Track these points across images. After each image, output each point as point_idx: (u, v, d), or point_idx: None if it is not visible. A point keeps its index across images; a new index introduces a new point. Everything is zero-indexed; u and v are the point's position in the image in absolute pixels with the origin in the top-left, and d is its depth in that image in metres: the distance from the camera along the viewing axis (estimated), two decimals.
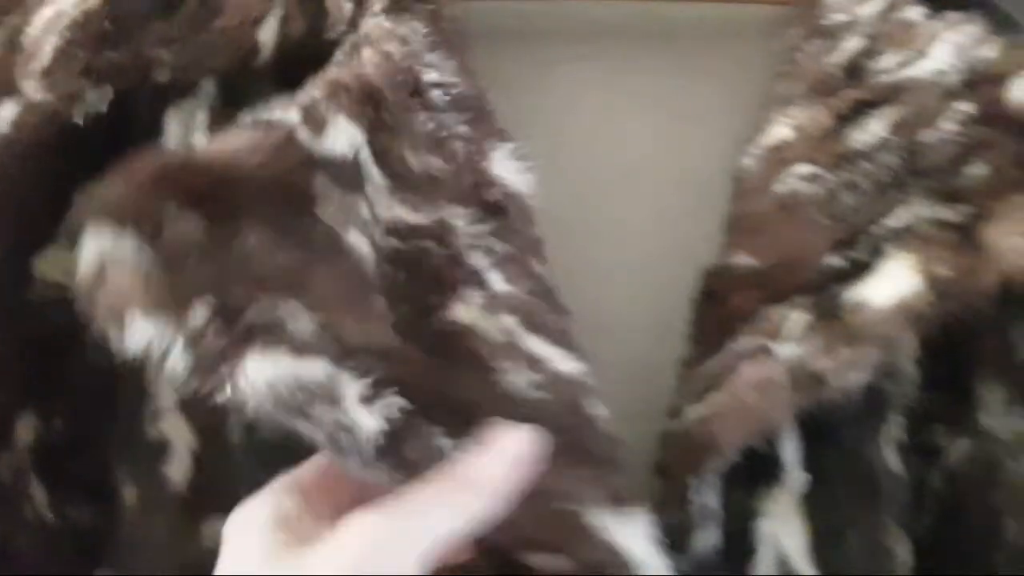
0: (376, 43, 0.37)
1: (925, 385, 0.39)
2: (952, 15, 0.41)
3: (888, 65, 0.40)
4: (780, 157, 0.39)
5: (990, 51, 0.39)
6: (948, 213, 0.36)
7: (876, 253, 0.36)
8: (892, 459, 0.38)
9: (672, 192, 0.42)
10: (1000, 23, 0.41)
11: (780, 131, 0.39)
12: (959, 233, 0.36)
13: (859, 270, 0.36)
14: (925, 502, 0.40)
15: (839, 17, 0.42)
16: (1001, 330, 0.39)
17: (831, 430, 0.37)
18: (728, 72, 0.44)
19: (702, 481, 0.36)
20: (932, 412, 0.40)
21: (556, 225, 0.39)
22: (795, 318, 0.36)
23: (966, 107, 0.38)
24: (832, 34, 0.41)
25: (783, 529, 0.37)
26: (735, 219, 0.40)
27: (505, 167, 0.37)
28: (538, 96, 0.43)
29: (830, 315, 0.36)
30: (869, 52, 0.40)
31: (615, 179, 0.43)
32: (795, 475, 0.37)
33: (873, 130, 0.38)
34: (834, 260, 0.37)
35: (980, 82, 0.38)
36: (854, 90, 0.39)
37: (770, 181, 0.39)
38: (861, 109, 0.39)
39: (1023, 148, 0.37)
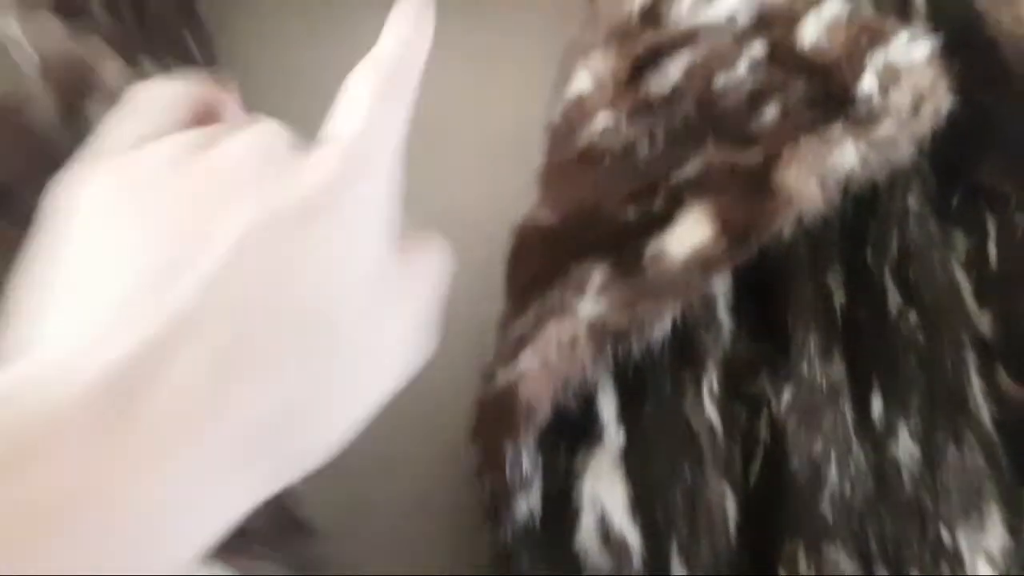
0: None
1: (745, 334, 0.40)
2: None
3: (683, 9, 0.40)
4: (582, 108, 0.39)
5: None
6: (741, 157, 0.36)
7: (675, 203, 0.36)
8: (711, 411, 0.38)
9: (487, 148, 0.42)
10: None
11: (582, 82, 0.39)
12: (753, 178, 0.36)
13: (659, 221, 0.36)
14: (754, 452, 0.40)
15: None
16: (814, 275, 0.40)
17: (647, 385, 0.37)
18: (542, 19, 0.43)
19: (518, 445, 0.35)
20: (755, 361, 0.40)
21: None
22: (596, 273, 0.36)
23: (758, 49, 0.38)
24: None
25: (605, 488, 0.37)
26: (542, 174, 0.39)
27: None
28: (334, 48, 0.42)
29: (631, 268, 0.35)
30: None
31: (426, 137, 0.42)
32: (613, 433, 0.37)
33: (669, 76, 0.38)
34: (632, 212, 0.36)
35: (772, 24, 0.38)
36: (650, 35, 0.39)
37: (573, 134, 0.38)
38: (658, 55, 0.39)
39: (813, 88, 0.37)
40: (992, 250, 0.41)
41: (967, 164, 0.42)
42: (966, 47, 0.43)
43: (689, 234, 0.35)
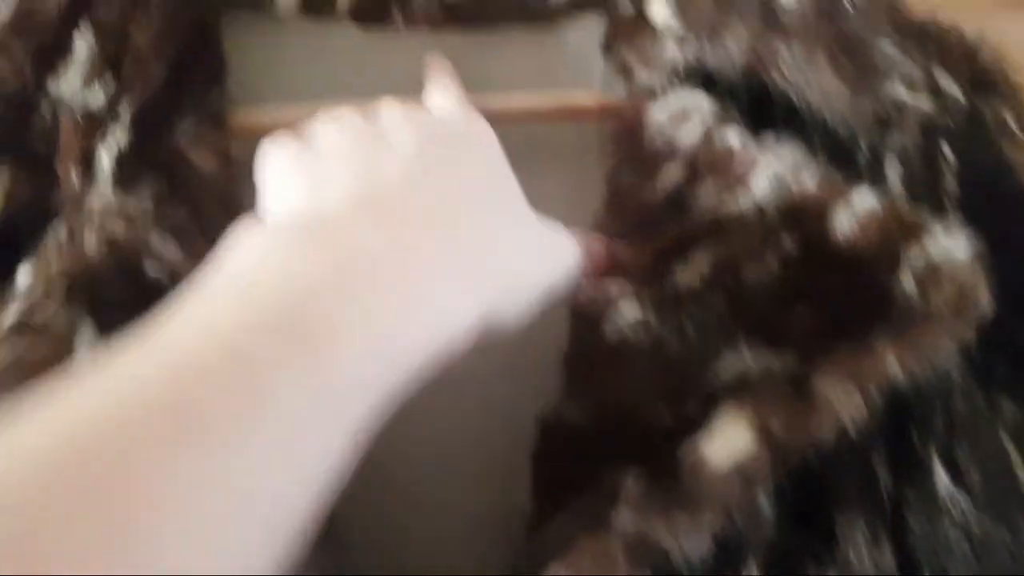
0: (101, 225, 0.38)
1: (788, 522, 0.39)
2: (768, 138, 0.40)
3: (709, 197, 0.39)
4: (608, 295, 0.38)
5: (809, 179, 0.39)
6: (777, 362, 0.35)
7: (711, 405, 0.35)
8: None
9: None
10: (813, 140, 0.41)
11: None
12: (790, 383, 0.35)
13: (694, 425, 0.35)
14: None
15: (659, 144, 0.41)
16: (861, 456, 0.39)
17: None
18: (551, 186, 0.43)
19: None
20: (799, 547, 0.39)
21: None
22: (631, 481, 0.35)
23: (788, 243, 0.37)
24: (652, 162, 0.41)
25: None
26: (569, 361, 0.39)
27: None
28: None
29: (668, 476, 0.35)
30: (690, 182, 0.40)
31: None
32: None
33: (697, 268, 0.37)
34: (667, 415, 0.36)
35: (801, 215, 0.38)
36: (676, 224, 0.39)
37: (600, 321, 0.38)
38: (685, 245, 0.38)
39: (848, 286, 0.36)
40: None
41: (1010, 328, 0.40)
42: (997, 199, 0.42)
43: (728, 442, 0.34)
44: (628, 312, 0.37)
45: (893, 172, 0.45)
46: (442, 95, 0.41)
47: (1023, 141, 0.46)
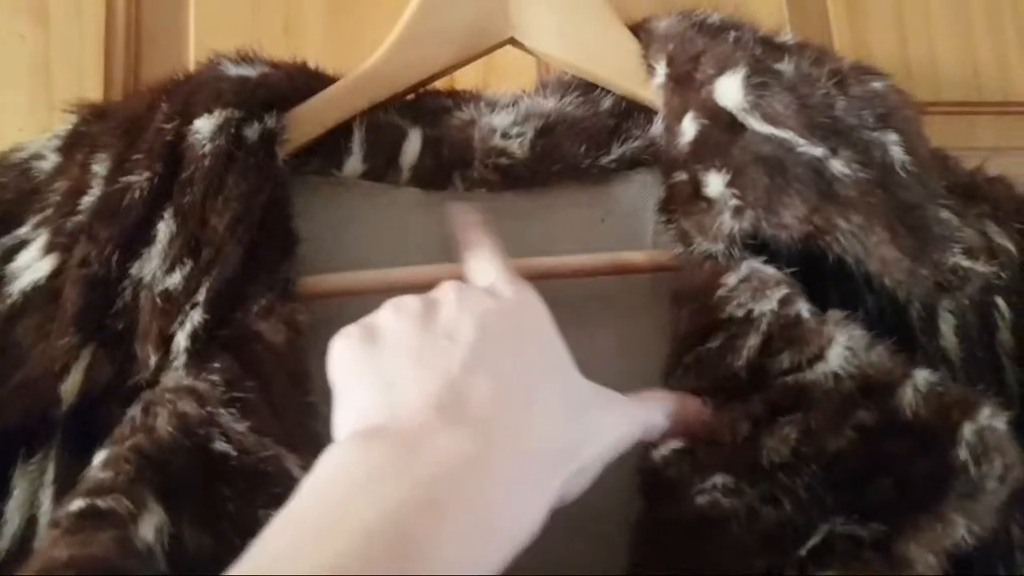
0: (172, 402, 0.39)
1: None
2: (834, 314, 0.42)
3: (786, 366, 0.40)
4: (696, 461, 0.39)
5: (878, 356, 0.41)
6: (863, 532, 0.36)
7: (804, 572, 0.36)
8: None
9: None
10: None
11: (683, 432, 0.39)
12: (875, 551, 0.36)
13: None
14: None
15: (736, 311, 0.42)
16: None
17: None
18: (606, 338, 0.44)
19: None
20: None
21: None
22: None
23: (864, 415, 0.39)
24: (730, 330, 0.42)
25: None
26: (646, 527, 0.39)
27: None
28: None
29: None
30: (767, 351, 0.41)
31: None
32: None
33: (785, 437, 0.38)
34: None
35: (874, 388, 0.39)
36: (759, 393, 0.40)
37: (688, 488, 0.38)
38: (772, 414, 0.39)
39: (923, 461, 0.38)
40: None
41: None
42: None
43: None
44: (719, 479, 0.38)
45: (947, 327, 0.46)
46: (484, 262, 0.43)
47: None
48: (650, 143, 0.51)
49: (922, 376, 0.40)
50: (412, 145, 0.50)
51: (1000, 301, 0.48)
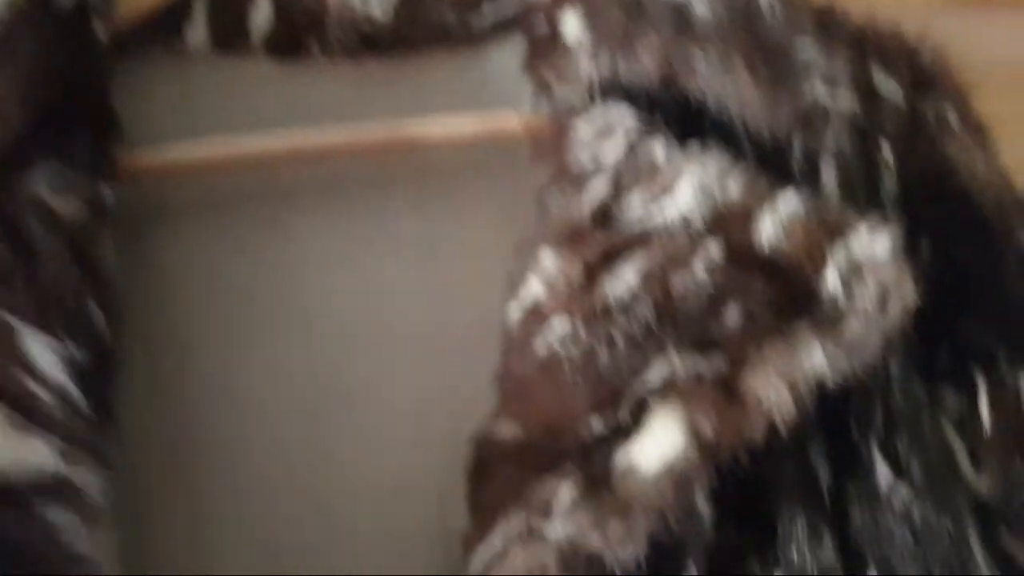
0: None
1: (729, 522, 0.39)
2: (693, 146, 0.41)
3: (635, 208, 0.40)
4: (537, 312, 0.38)
5: (734, 185, 0.39)
6: (705, 365, 0.36)
7: (640, 411, 0.35)
8: None
9: (442, 344, 0.42)
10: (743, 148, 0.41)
11: (534, 287, 0.39)
12: (719, 385, 0.35)
13: (625, 431, 0.35)
14: None
15: (584, 159, 0.41)
16: (799, 452, 0.39)
17: None
18: (482, 210, 0.43)
19: None
20: (740, 546, 0.39)
21: (318, 397, 0.39)
22: (563, 492, 0.35)
23: (715, 250, 0.38)
24: (578, 178, 0.41)
25: None
26: (501, 380, 0.39)
27: None
28: (283, 261, 0.43)
29: (600, 484, 0.35)
30: (615, 196, 0.40)
31: (378, 338, 0.42)
32: None
33: (625, 280, 0.38)
34: (598, 423, 0.36)
35: (726, 223, 0.38)
36: (604, 237, 0.39)
37: (530, 339, 0.38)
38: (612, 258, 0.38)
39: (774, 288, 0.36)
40: (984, 409, 0.40)
41: (950, 321, 0.40)
42: (939, 199, 0.43)
43: (659, 446, 0.35)
44: (558, 327, 0.38)
45: (829, 175, 0.46)
46: None
47: (966, 141, 0.47)
48: (524, 5, 0.50)
49: (786, 202, 0.38)
50: (261, 10, 0.48)
51: (885, 148, 0.48)
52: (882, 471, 0.39)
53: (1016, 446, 0.40)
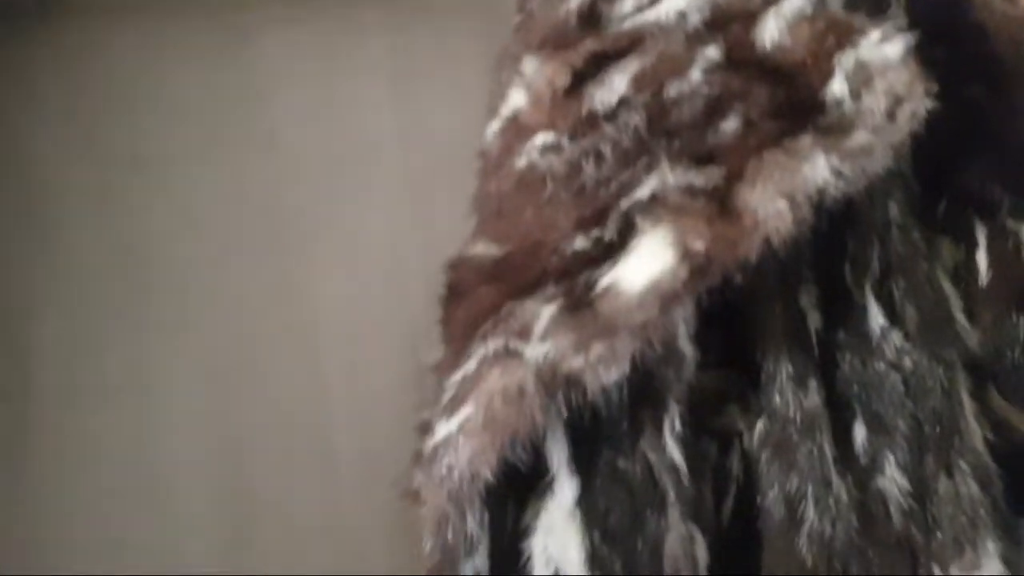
0: None
1: (711, 363, 0.37)
2: None
3: (626, 5, 0.37)
4: (518, 126, 0.36)
5: None
6: (699, 178, 0.33)
7: (627, 229, 0.33)
8: (674, 451, 0.36)
9: (416, 167, 0.39)
10: None
11: (516, 99, 0.36)
12: (713, 199, 0.33)
13: (610, 250, 0.33)
14: (726, 490, 0.37)
15: None
16: (785, 295, 0.37)
17: (601, 428, 0.35)
18: (461, 22, 0.40)
19: (460, 505, 0.33)
20: (723, 392, 0.37)
21: (284, 227, 0.37)
22: (543, 312, 0.33)
23: (713, 52, 0.35)
24: None
25: (558, 543, 0.34)
26: (478, 201, 0.37)
27: None
28: (245, 71, 0.40)
29: (582, 304, 0.33)
30: None
31: (349, 162, 0.39)
32: (565, 482, 0.34)
33: (615, 87, 0.35)
34: (581, 241, 0.34)
35: (727, 22, 0.36)
36: (592, 40, 0.36)
37: (510, 155, 0.36)
38: (601, 63, 0.36)
39: (776, 94, 0.34)
40: (982, 261, 0.39)
41: (953, 167, 0.39)
42: (950, 34, 0.40)
43: (645, 263, 0.33)
44: (540, 140, 0.35)
45: None
46: None
47: None
48: None
49: (790, 2, 0.36)
50: None
51: None
52: (875, 316, 0.37)
53: (1011, 299, 0.39)
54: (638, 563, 0.35)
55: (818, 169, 0.33)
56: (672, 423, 0.36)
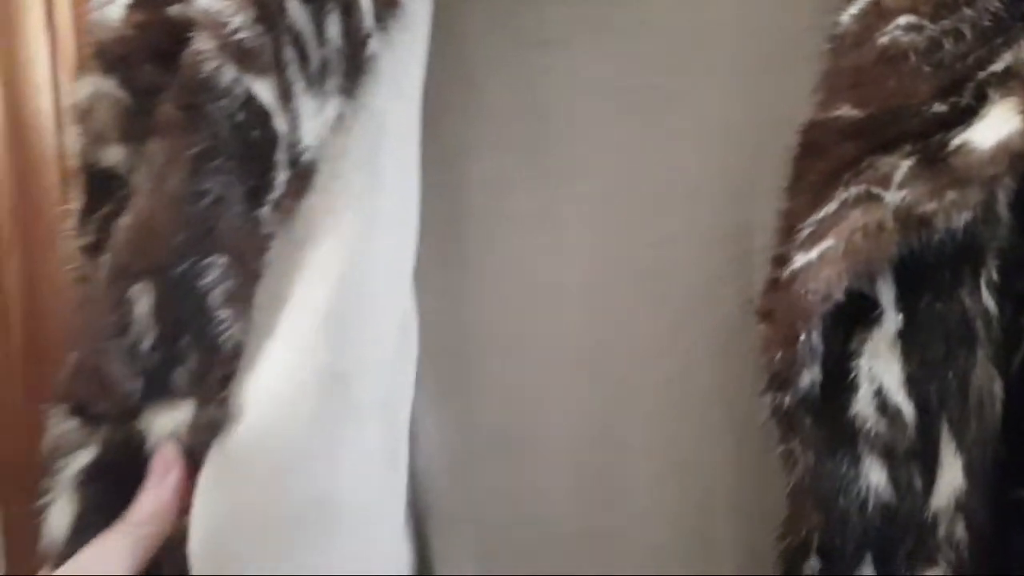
0: None
1: (1020, 231, 0.42)
2: None
3: None
4: (880, 10, 0.41)
5: None
6: None
7: (981, 98, 0.39)
8: (988, 300, 0.42)
9: (752, 55, 0.45)
10: None
11: None
12: None
13: (965, 115, 0.39)
14: (1018, 344, 0.43)
15: None
16: None
17: (926, 272, 0.41)
18: None
19: (810, 323, 0.40)
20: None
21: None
22: (902, 164, 0.39)
23: None
24: None
25: (880, 366, 0.41)
26: (833, 75, 0.42)
27: None
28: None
29: (936, 160, 0.39)
30: None
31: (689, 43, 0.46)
32: (891, 316, 0.41)
33: None
34: (939, 106, 0.40)
35: None
36: None
37: (870, 35, 0.41)
38: None
39: None
40: None
41: None
42: None
43: (996, 127, 0.38)
44: (902, 19, 0.41)
45: None
46: None
47: None
48: None
49: None
50: None
51: None
52: None
53: None
54: (948, 390, 0.41)
55: None
56: (989, 276, 0.41)
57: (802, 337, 0.39)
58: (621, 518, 0.48)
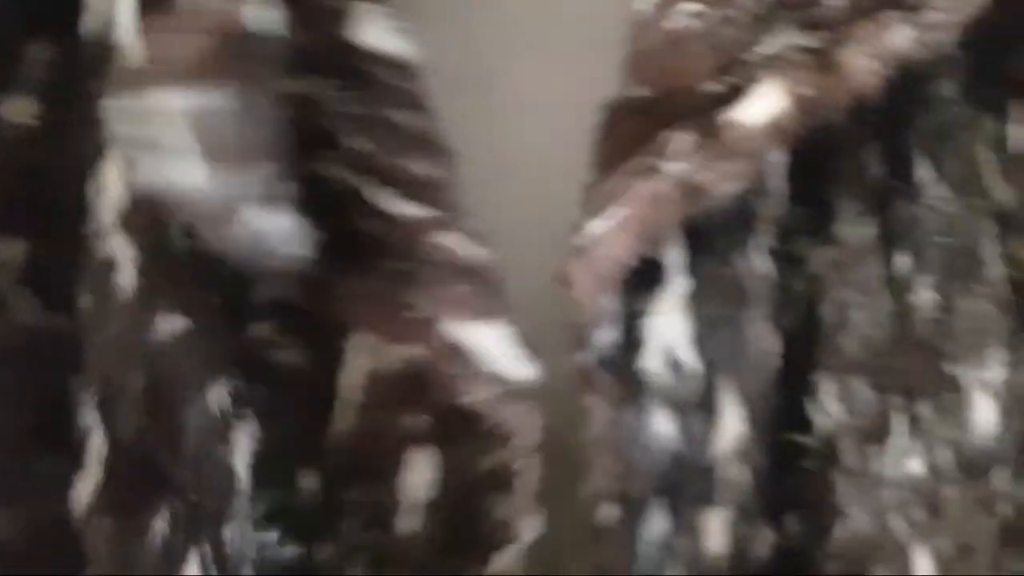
0: None
1: (792, 200, 0.47)
2: None
3: None
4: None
5: None
6: (809, 40, 0.43)
7: (749, 79, 0.43)
8: (762, 263, 0.46)
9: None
10: None
11: None
12: (818, 57, 0.43)
13: (735, 94, 0.43)
14: (791, 301, 0.48)
15: None
16: (855, 150, 0.47)
17: (709, 239, 0.45)
18: None
19: (603, 286, 0.43)
20: (798, 225, 0.47)
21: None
22: (681, 138, 0.43)
23: None
24: None
25: (668, 325, 0.45)
26: (629, 58, 0.46)
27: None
28: None
29: (711, 134, 0.43)
30: None
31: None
32: (678, 279, 0.45)
33: None
34: (713, 86, 0.44)
35: None
36: None
37: (660, 20, 0.45)
38: None
39: None
40: (1013, 132, 0.48)
41: (1003, 60, 0.48)
42: None
43: (763, 105, 0.43)
44: (688, 7, 0.45)
45: None
46: None
47: None
48: None
49: None
50: None
51: None
52: (922, 169, 0.47)
53: None
54: (728, 346, 0.45)
55: (900, 37, 0.42)
56: (762, 242, 0.46)
57: (598, 300, 0.43)
58: None
